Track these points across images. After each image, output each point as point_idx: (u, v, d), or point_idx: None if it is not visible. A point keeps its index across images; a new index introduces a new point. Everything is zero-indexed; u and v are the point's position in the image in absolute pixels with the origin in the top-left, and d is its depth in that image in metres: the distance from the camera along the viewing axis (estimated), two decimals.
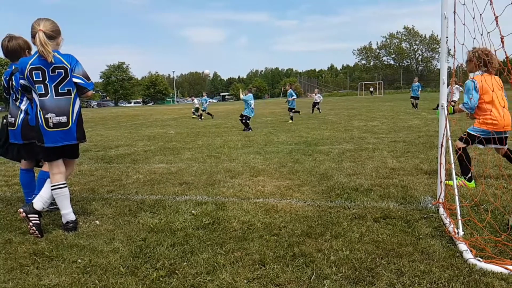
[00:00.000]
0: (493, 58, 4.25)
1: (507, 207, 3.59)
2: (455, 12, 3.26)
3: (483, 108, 4.31)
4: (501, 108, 4.24)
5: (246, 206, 3.97)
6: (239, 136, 10.63)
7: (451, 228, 3.06)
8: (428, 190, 4.36)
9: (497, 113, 4.27)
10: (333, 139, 9.26)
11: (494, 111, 4.26)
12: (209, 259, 2.74)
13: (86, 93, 3.45)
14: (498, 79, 4.44)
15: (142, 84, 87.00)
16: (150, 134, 12.40)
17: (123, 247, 3.00)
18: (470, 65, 4.44)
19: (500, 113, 4.25)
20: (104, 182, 5.34)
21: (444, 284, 2.32)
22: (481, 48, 4.26)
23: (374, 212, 3.64)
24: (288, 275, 2.50)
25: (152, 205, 4.12)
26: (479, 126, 4.36)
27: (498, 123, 4.26)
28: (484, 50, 4.25)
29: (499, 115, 4.25)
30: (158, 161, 6.97)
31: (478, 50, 4.33)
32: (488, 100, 4.26)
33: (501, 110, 4.24)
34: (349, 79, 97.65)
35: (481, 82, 4.25)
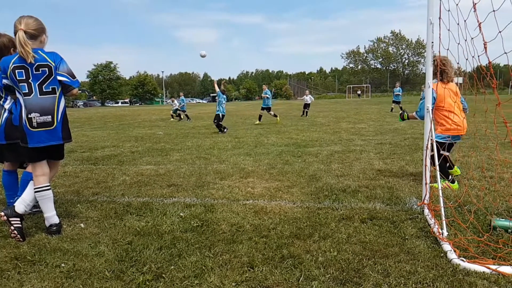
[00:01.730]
0: (449, 67, 4.45)
1: (489, 208, 3.67)
2: (441, 18, 3.33)
3: (444, 115, 4.48)
4: (459, 113, 4.46)
5: (236, 208, 3.97)
6: (229, 138, 10.62)
7: (436, 228, 3.12)
8: (414, 191, 4.43)
9: (457, 118, 4.46)
10: (322, 141, 9.33)
11: (454, 116, 4.45)
12: (197, 262, 2.73)
13: (71, 91, 3.40)
14: (455, 86, 4.63)
15: (130, 84, 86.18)
16: (138, 135, 12.29)
17: (109, 251, 2.97)
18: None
19: (459, 117, 4.46)
20: (89, 184, 5.28)
21: (429, 284, 2.36)
22: (440, 57, 4.47)
23: (361, 213, 3.68)
24: (276, 277, 2.51)
25: (138, 207, 4.08)
26: (444, 133, 4.50)
27: (461, 127, 4.46)
28: (442, 59, 4.43)
29: (459, 120, 4.45)
30: (146, 163, 6.92)
31: (437, 58, 4.49)
32: (447, 107, 4.44)
33: (459, 115, 4.45)
34: (338, 82, 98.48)
35: (438, 90, 4.41)
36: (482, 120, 4.60)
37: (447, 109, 4.45)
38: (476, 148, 6.49)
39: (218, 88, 12.34)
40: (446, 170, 4.53)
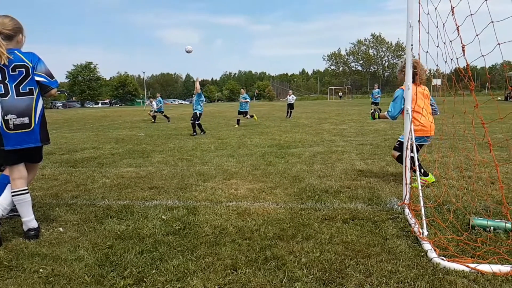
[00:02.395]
0: (421, 69, 4.59)
1: (468, 207, 3.75)
2: (420, 21, 3.39)
3: (413, 116, 4.46)
4: (427, 115, 4.59)
5: (219, 210, 3.95)
6: (211, 139, 10.57)
7: (416, 228, 3.17)
8: (394, 191, 4.49)
9: (424, 120, 4.59)
10: (305, 142, 9.38)
11: (421, 118, 4.58)
12: (179, 265, 2.70)
13: (49, 92, 3.33)
14: (425, 88, 4.78)
15: (110, 85, 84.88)
16: (118, 136, 12.10)
17: (88, 255, 2.90)
18: (400, 75, 4.76)
19: (427, 119, 4.59)
20: (68, 187, 5.16)
21: (410, 284, 2.39)
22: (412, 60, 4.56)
23: (343, 213, 3.71)
24: (260, 279, 2.50)
25: (119, 210, 4.01)
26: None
27: (427, 128, 4.58)
28: (413, 62, 4.41)
29: (426, 121, 4.58)
30: (126, 165, 6.81)
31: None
32: (416, 108, 4.47)
33: (427, 117, 4.58)
34: (320, 83, 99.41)
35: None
36: (460, 121, 4.71)
37: (416, 110, 4.50)
38: (455, 149, 6.64)
39: (200, 88, 12.24)
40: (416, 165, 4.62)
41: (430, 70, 4.59)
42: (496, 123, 9.86)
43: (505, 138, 7.52)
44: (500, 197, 3.93)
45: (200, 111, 12.11)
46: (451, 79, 3.60)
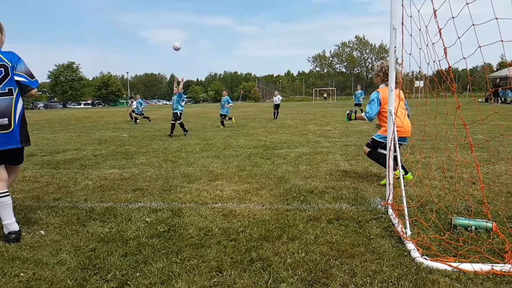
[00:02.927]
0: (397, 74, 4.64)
1: (450, 207, 3.82)
2: (403, 24, 3.44)
3: (386, 117, 4.63)
4: (402, 116, 4.64)
5: (204, 211, 3.92)
6: (197, 140, 10.51)
7: (400, 228, 3.21)
8: (378, 191, 4.55)
9: (398, 121, 4.61)
10: (290, 143, 9.42)
11: (397, 119, 4.60)
12: (163, 268, 2.67)
13: (30, 92, 3.26)
14: (400, 91, 4.80)
15: (93, 85, 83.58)
16: (101, 137, 11.92)
17: (71, 259, 2.85)
18: (376, 78, 4.92)
19: (401, 120, 4.64)
20: (50, 189, 5.06)
21: (394, 283, 2.42)
22: (387, 64, 4.70)
23: (328, 214, 3.74)
24: (245, 280, 2.49)
25: (102, 213, 3.95)
26: (384, 133, 4.71)
27: (401, 130, 4.64)
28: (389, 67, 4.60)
29: (401, 122, 4.63)
30: (110, 166, 6.71)
31: (385, 65, 4.82)
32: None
33: (402, 119, 4.64)
34: (305, 85, 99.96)
35: (383, 94, 4.68)
36: (442, 122, 4.79)
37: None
38: (437, 150, 6.76)
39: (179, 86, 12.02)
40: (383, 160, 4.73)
41: (412, 72, 4.68)
42: (477, 124, 10.08)
43: (485, 139, 7.69)
44: (481, 197, 4.02)
45: (181, 111, 12.00)
46: (434, 81, 3.66)
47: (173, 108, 12.14)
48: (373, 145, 4.87)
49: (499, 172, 5.33)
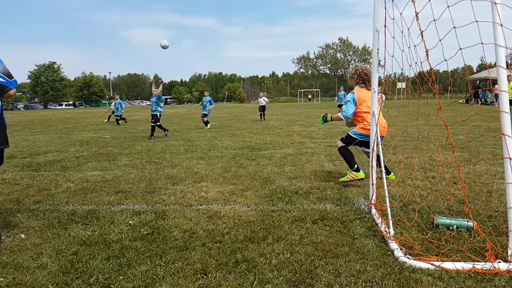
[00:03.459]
0: (370, 77, 4.83)
1: (432, 206, 3.89)
2: (386, 26, 3.48)
3: (362, 117, 4.91)
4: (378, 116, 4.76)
5: (188, 213, 3.89)
6: (181, 141, 10.43)
7: (383, 227, 3.25)
8: (361, 192, 4.59)
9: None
10: (275, 143, 9.43)
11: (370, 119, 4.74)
12: (147, 271, 2.64)
13: (8, 92, 3.18)
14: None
15: (74, 86, 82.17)
16: (83, 138, 11.72)
17: (52, 263, 2.79)
18: (351, 80, 5.14)
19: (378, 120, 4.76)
20: (30, 192, 4.94)
21: (378, 282, 2.44)
22: (361, 67, 5.04)
23: (313, 214, 3.76)
24: (230, 282, 2.48)
25: (84, 216, 3.88)
26: (359, 130, 4.92)
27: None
28: (363, 69, 5.00)
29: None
30: (92, 168, 6.60)
31: (359, 68, 5.04)
32: (365, 109, 4.85)
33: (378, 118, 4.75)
34: (289, 86, 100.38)
35: (359, 95, 4.90)
36: (424, 123, 4.87)
37: (365, 111, 4.85)
38: (419, 150, 6.87)
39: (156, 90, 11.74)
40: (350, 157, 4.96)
41: (395, 73, 4.77)
42: (458, 125, 10.30)
43: (466, 139, 7.86)
44: (462, 197, 4.10)
45: (160, 112, 11.70)
46: (416, 82, 3.72)
47: (152, 110, 11.70)
48: (347, 141, 5.01)
49: (479, 172, 5.45)
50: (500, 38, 2.51)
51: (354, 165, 4.91)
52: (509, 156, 2.54)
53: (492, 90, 22.86)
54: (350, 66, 5.23)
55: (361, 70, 4.98)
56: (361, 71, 4.97)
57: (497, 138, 7.68)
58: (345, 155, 5.01)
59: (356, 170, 4.89)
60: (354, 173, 4.88)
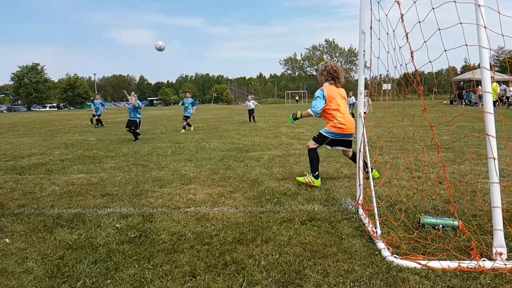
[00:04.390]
0: (340, 74, 5.01)
1: (418, 206, 3.94)
2: (372, 28, 3.52)
3: (331, 114, 4.96)
4: (346, 114, 4.97)
5: (176, 216, 3.86)
6: (168, 143, 10.36)
7: (370, 227, 3.28)
8: (349, 192, 4.63)
9: (342, 118, 4.93)
10: (263, 145, 9.44)
11: (340, 116, 4.92)
12: (135, 275, 2.61)
13: None
14: (343, 91, 5.17)
15: (59, 87, 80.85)
16: (68, 141, 11.55)
17: (38, 267, 2.74)
18: (321, 77, 5.16)
19: (345, 118, 4.94)
20: (14, 195, 4.85)
21: (366, 282, 2.46)
22: (331, 64, 5.07)
23: (301, 215, 3.77)
24: (219, 284, 2.47)
25: (70, 219, 3.82)
26: (330, 129, 4.98)
27: (345, 127, 4.92)
28: (333, 66, 5.04)
29: (345, 120, 4.93)
30: (77, 171, 6.51)
31: (328, 65, 5.07)
32: (335, 107, 4.92)
33: (346, 116, 4.96)
34: (277, 87, 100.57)
35: (328, 91, 4.94)
36: (409, 124, 4.95)
37: (334, 108, 4.90)
38: (405, 150, 6.96)
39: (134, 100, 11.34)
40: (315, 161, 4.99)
41: (380, 75, 4.82)
42: (443, 126, 10.46)
43: (451, 140, 7.99)
44: (448, 196, 4.16)
45: (139, 119, 11.33)
46: (401, 83, 3.77)
47: (130, 117, 11.27)
48: (319, 139, 5.04)
49: (464, 172, 5.54)
50: (484, 40, 2.56)
51: (316, 172, 4.94)
52: (493, 156, 2.59)
53: (476, 91, 23.32)
54: (320, 63, 5.28)
55: (330, 67, 4.99)
56: (331, 68, 4.98)
57: (481, 139, 7.83)
58: (312, 158, 5.02)
59: (316, 177, 4.91)
60: (313, 178, 4.90)
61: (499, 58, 54.14)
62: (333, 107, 4.89)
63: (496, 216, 2.64)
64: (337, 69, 4.96)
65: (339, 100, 4.93)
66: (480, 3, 2.55)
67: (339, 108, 4.90)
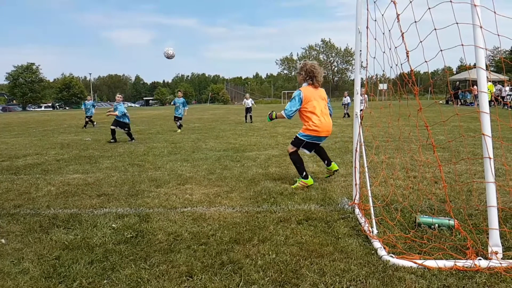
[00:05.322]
0: (318, 73, 4.86)
1: (414, 206, 3.95)
2: (368, 28, 3.53)
3: (307, 116, 4.86)
4: (322, 116, 4.83)
5: (173, 216, 3.86)
6: (164, 143, 10.33)
7: (366, 227, 3.29)
8: (345, 192, 4.64)
9: (317, 121, 4.82)
10: (260, 145, 9.44)
11: (315, 119, 4.81)
12: (132, 275, 2.61)
13: None
14: (322, 91, 5.05)
15: (54, 87, 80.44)
16: (63, 141, 11.50)
17: (34, 267, 2.73)
18: (299, 77, 5.05)
19: (321, 120, 4.83)
20: (10, 196, 4.82)
21: (362, 281, 2.47)
22: (309, 63, 4.93)
23: (298, 215, 3.78)
24: (216, 284, 2.47)
25: (66, 220, 3.81)
26: (304, 131, 4.89)
27: (320, 130, 4.82)
28: (311, 65, 4.89)
29: (320, 122, 4.82)
30: (73, 171, 6.48)
31: (307, 64, 4.94)
32: (311, 109, 4.81)
33: (322, 118, 4.83)
34: (273, 87, 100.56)
35: (305, 93, 4.82)
36: (405, 124, 4.97)
37: (310, 111, 4.80)
38: (401, 150, 6.98)
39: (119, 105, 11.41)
40: (299, 164, 4.94)
41: (377, 75, 4.82)
42: (439, 126, 10.51)
43: (447, 139, 8.02)
44: (444, 196, 4.18)
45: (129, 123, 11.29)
46: (396, 83, 3.79)
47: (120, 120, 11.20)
48: (296, 143, 4.96)
49: (460, 171, 5.57)
50: (480, 40, 2.57)
51: (303, 173, 4.89)
52: (488, 156, 2.61)
53: (471, 91, 23.44)
54: (298, 62, 5.20)
55: (308, 66, 4.87)
56: (309, 67, 4.86)
57: (477, 138, 7.89)
58: (295, 161, 4.99)
59: (305, 177, 4.87)
60: (303, 180, 4.86)
61: (495, 58, 54.47)
62: (309, 109, 4.79)
63: (491, 215, 2.66)
64: (314, 69, 4.83)
65: (316, 102, 4.82)
66: (476, 3, 2.56)
67: (314, 110, 4.79)
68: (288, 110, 4.84)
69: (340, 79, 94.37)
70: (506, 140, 5.77)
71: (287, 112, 4.85)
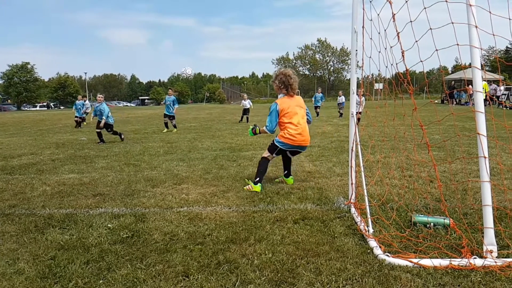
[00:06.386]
0: (293, 82, 4.79)
1: (410, 205, 3.97)
2: (364, 27, 3.54)
3: (284, 125, 4.85)
4: (299, 125, 4.79)
5: (169, 216, 3.85)
6: (160, 143, 10.31)
7: (362, 226, 3.30)
8: (341, 191, 4.65)
9: (293, 130, 4.79)
10: (256, 144, 9.44)
11: (292, 128, 4.79)
12: (128, 275, 2.60)
13: None
14: (299, 99, 5.00)
15: (49, 86, 80.00)
16: (59, 141, 11.44)
17: (29, 268, 2.72)
18: (274, 85, 4.98)
19: (297, 130, 4.79)
20: (5, 196, 4.79)
21: (358, 280, 2.48)
22: (283, 71, 4.85)
23: (294, 214, 3.78)
24: (212, 284, 2.47)
25: (61, 220, 3.79)
26: (280, 138, 4.88)
27: (296, 139, 4.80)
28: (286, 73, 4.81)
29: (295, 132, 4.78)
30: (68, 171, 6.45)
31: (281, 73, 4.86)
32: (287, 120, 4.79)
33: (299, 127, 4.79)
34: (269, 87, 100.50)
35: (281, 105, 4.80)
36: (400, 123, 4.97)
37: (288, 122, 4.78)
38: (396, 150, 7.01)
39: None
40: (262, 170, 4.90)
41: (372, 74, 4.82)
42: (434, 125, 10.56)
43: (442, 139, 8.07)
44: (439, 195, 4.21)
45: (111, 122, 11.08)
46: (392, 83, 3.80)
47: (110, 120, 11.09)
48: (272, 148, 4.93)
49: (455, 171, 5.60)
50: (475, 40, 2.58)
51: (258, 179, 4.82)
52: (484, 155, 2.62)
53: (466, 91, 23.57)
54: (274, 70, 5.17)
55: (282, 75, 4.79)
56: (283, 76, 4.78)
57: (472, 138, 7.92)
58: (261, 166, 4.93)
59: (256, 183, 4.80)
60: (253, 185, 4.80)
61: (490, 57, 54.77)
62: (286, 120, 4.77)
63: (486, 214, 2.68)
64: (287, 78, 4.75)
65: (293, 111, 4.78)
66: (471, 2, 2.58)
67: (291, 120, 4.76)
68: (269, 125, 4.85)
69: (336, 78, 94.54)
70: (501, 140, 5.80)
71: (268, 127, 4.87)
